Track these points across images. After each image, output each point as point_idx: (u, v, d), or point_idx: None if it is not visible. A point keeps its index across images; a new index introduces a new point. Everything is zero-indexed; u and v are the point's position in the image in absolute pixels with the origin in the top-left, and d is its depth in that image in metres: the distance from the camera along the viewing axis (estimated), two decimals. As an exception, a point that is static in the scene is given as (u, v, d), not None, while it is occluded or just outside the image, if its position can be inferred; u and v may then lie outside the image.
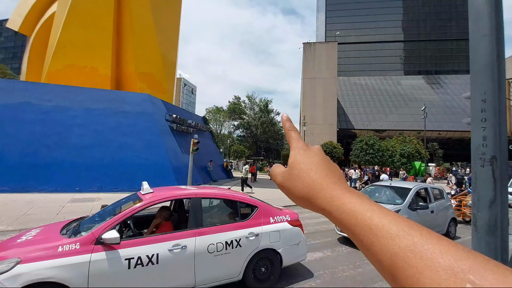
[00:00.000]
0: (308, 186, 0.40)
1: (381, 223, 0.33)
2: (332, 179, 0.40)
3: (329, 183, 0.40)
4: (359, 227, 0.34)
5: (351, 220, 0.35)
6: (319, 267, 5.19)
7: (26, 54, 18.14)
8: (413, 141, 34.29)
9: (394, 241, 0.30)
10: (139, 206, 3.49)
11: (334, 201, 0.37)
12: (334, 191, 0.38)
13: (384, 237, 0.31)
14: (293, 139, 0.47)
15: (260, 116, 45.63)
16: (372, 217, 0.34)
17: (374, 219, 0.33)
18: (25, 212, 8.19)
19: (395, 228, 0.32)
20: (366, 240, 0.33)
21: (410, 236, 0.30)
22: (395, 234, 0.31)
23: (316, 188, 0.40)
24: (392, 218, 0.33)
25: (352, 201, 0.36)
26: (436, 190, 7.96)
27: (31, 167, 11.99)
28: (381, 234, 0.32)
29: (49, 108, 13.32)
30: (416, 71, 73.27)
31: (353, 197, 0.37)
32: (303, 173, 0.41)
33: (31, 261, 2.72)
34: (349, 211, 0.35)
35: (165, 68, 19.15)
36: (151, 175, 12.58)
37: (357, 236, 0.34)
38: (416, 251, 0.28)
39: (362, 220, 0.34)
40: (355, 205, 0.36)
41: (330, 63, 46.08)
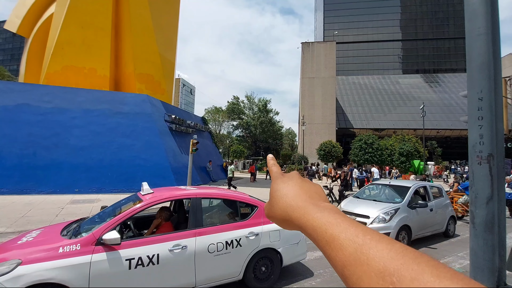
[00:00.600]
0: (283, 210, 0.44)
1: (333, 234, 0.35)
2: (303, 197, 0.44)
3: (300, 202, 0.43)
4: (319, 241, 0.36)
5: (313, 235, 0.38)
6: (319, 266, 5.21)
7: (24, 56, 18.09)
8: (412, 139, 34.36)
9: (341, 251, 0.32)
10: (139, 206, 3.49)
11: (303, 219, 0.40)
12: (304, 209, 0.41)
13: (335, 248, 0.33)
14: (273, 172, 0.53)
15: (259, 116, 45.62)
16: (327, 230, 0.36)
17: (328, 231, 0.36)
18: (24, 214, 8.18)
19: (343, 236, 0.34)
20: (325, 252, 0.35)
21: (354, 244, 0.32)
22: (342, 243, 0.33)
23: (289, 210, 0.43)
24: (344, 227, 0.35)
25: (315, 216, 0.39)
26: (435, 189, 8.00)
27: (30, 168, 11.97)
28: (333, 246, 0.34)
29: (47, 110, 13.30)
30: (414, 70, 73.54)
31: (318, 212, 0.39)
32: (278, 199, 0.46)
33: (32, 263, 2.72)
34: (312, 226, 0.38)
35: (163, 68, 19.13)
36: (151, 176, 12.58)
37: (321, 249, 0.36)
38: (357, 258, 0.30)
39: (320, 234, 0.36)
40: (316, 220, 0.38)
41: (328, 63, 46.16)
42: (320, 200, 0.44)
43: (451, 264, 5.56)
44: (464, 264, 5.52)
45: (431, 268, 0.27)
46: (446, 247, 6.70)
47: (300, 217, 0.41)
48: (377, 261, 0.29)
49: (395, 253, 0.29)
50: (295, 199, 0.44)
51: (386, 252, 0.29)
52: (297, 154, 38.49)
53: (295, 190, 0.46)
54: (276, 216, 0.46)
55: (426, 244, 6.80)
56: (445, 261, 5.75)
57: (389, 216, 6.19)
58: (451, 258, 5.93)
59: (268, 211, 0.48)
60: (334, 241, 0.34)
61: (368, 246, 0.31)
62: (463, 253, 6.20)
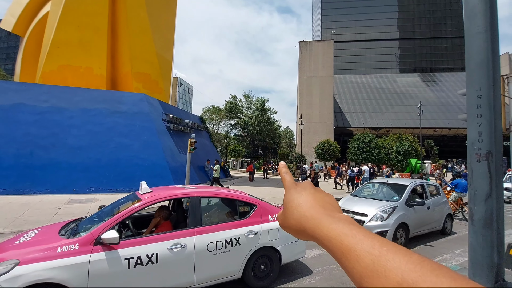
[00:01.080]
0: (297, 220, 0.45)
1: (349, 245, 0.35)
2: (317, 208, 0.44)
3: (314, 213, 0.44)
4: (335, 252, 0.37)
5: (329, 246, 0.38)
6: (317, 264, 5.23)
7: (19, 55, 17.91)
8: (409, 138, 34.54)
9: (358, 262, 0.33)
10: (138, 205, 3.48)
11: (318, 230, 0.41)
12: (319, 220, 0.42)
13: (352, 259, 0.34)
14: (286, 181, 0.52)
15: (257, 115, 45.64)
16: (342, 241, 0.36)
17: (344, 242, 0.36)
18: (21, 214, 8.12)
19: (359, 248, 0.34)
20: (341, 264, 0.35)
21: (371, 255, 0.32)
22: (359, 254, 0.33)
23: (303, 221, 0.44)
24: (360, 238, 0.35)
25: (330, 227, 0.39)
26: (432, 187, 8.05)
27: (27, 168, 11.88)
28: (349, 257, 0.34)
29: (44, 109, 13.20)
30: (412, 68, 73.88)
31: (333, 223, 0.40)
32: (293, 210, 0.46)
33: (30, 263, 2.71)
34: (327, 237, 0.38)
35: (161, 67, 19.05)
36: (149, 175, 12.54)
37: (337, 260, 0.37)
38: (374, 270, 0.31)
39: (336, 245, 0.37)
40: (331, 231, 0.39)
41: (326, 62, 46.23)
42: (334, 211, 0.45)
43: (448, 261, 5.61)
44: (461, 261, 5.56)
45: (450, 280, 0.26)
46: (443, 245, 6.75)
47: (314, 228, 0.41)
48: (395, 272, 0.29)
49: (412, 265, 0.29)
50: (310, 210, 0.45)
51: (404, 264, 0.30)
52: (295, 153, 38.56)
53: (309, 201, 0.46)
54: (291, 227, 0.47)
55: (423, 241, 6.85)
56: (443, 258, 5.80)
57: (387, 214, 6.22)
58: (448, 255, 5.98)
59: (283, 221, 0.49)
60: (350, 253, 0.34)
61: (386, 258, 0.31)
62: (460, 250, 6.25)
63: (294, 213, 0.46)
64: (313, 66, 46.44)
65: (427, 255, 5.92)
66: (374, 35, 78.61)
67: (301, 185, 0.51)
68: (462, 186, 9.75)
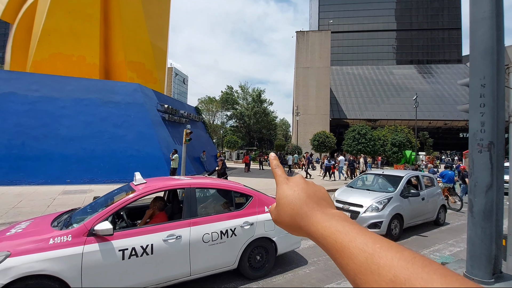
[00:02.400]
0: (291, 217, 0.45)
1: (343, 243, 0.36)
2: (311, 205, 0.44)
3: (308, 210, 0.44)
4: (329, 249, 0.37)
5: (323, 243, 0.39)
6: (313, 254, 5.27)
7: (9, 43, 17.33)
8: (404, 130, 34.77)
9: (352, 260, 0.33)
10: (132, 197, 3.43)
11: (313, 228, 0.41)
12: (313, 218, 0.42)
13: (345, 257, 0.34)
14: (277, 176, 0.52)
15: (253, 106, 45.31)
16: (336, 239, 0.37)
17: (338, 240, 0.36)
18: (15, 205, 8.02)
19: (353, 245, 0.35)
20: (335, 260, 0.36)
21: (364, 253, 0.33)
22: (353, 252, 0.34)
23: (297, 219, 0.44)
24: (353, 236, 0.36)
25: (324, 225, 0.40)
26: (427, 178, 8.12)
27: (19, 159, 11.69)
28: (343, 255, 0.35)
29: (35, 99, 12.89)
30: (408, 60, 73.70)
31: (326, 221, 0.40)
32: (285, 206, 0.46)
33: (21, 254, 2.65)
34: (321, 235, 0.39)
35: (155, 57, 18.66)
36: (144, 166, 12.45)
37: (332, 257, 0.37)
38: (367, 267, 0.32)
39: (330, 243, 0.37)
40: (326, 229, 0.39)
41: (323, 52, 45.83)
42: (327, 207, 0.45)
43: (441, 251, 5.70)
44: (454, 251, 5.66)
45: (440, 277, 0.27)
46: (436, 235, 6.85)
47: (309, 226, 0.42)
48: (387, 270, 0.30)
49: (404, 262, 0.30)
50: (303, 208, 0.44)
51: (396, 261, 0.30)
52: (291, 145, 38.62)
53: (303, 198, 0.46)
54: (284, 223, 0.47)
55: (417, 232, 6.94)
56: (436, 248, 5.89)
57: (382, 205, 6.27)
58: (442, 245, 6.08)
59: (276, 217, 0.49)
60: (344, 250, 0.35)
61: (379, 255, 0.32)
62: (453, 241, 6.36)
63: (287, 210, 0.46)
64: (310, 56, 46.04)
65: (420, 245, 6.02)
66: (372, 25, 77.90)
67: (293, 180, 0.51)
68: (448, 177, 10.09)
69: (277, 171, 0.53)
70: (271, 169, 0.55)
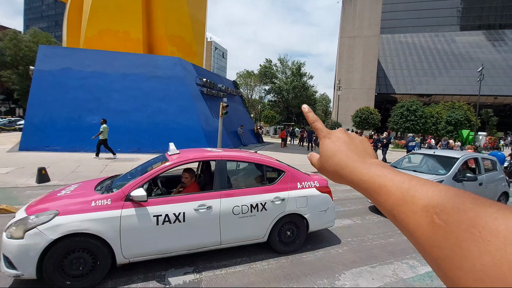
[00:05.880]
0: (333, 168, 0.50)
1: (380, 184, 0.39)
2: (352, 157, 0.48)
3: (348, 161, 0.48)
4: (369, 191, 0.41)
5: (363, 187, 0.43)
6: (347, 234, 5.06)
7: (64, 21, 18.75)
8: (463, 107, 30.73)
9: (390, 196, 0.37)
10: (165, 166, 3.52)
11: (352, 175, 0.45)
12: (353, 167, 0.46)
13: (383, 194, 0.38)
14: (319, 130, 0.55)
15: (292, 80, 43.78)
16: (374, 181, 0.41)
17: (376, 182, 0.40)
18: (74, 170, 9.05)
19: (390, 184, 0.38)
20: (374, 199, 0.40)
21: (401, 189, 0.36)
22: (390, 190, 0.38)
23: (338, 169, 0.48)
24: (391, 177, 0.39)
25: (363, 172, 0.43)
26: (488, 161, 7.10)
27: (77, 130, 13.00)
28: (381, 193, 0.39)
29: (88, 74, 13.95)
30: (476, 25, 63.11)
31: (365, 168, 0.44)
32: (328, 158, 0.51)
33: (67, 214, 2.92)
34: (360, 181, 0.43)
35: (194, 30, 18.66)
36: (184, 139, 12.99)
37: (370, 198, 0.42)
38: (403, 200, 0.35)
39: (369, 185, 0.41)
40: (365, 175, 0.43)
41: (373, 19, 41.45)
42: (367, 157, 0.49)
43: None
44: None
45: (471, 199, 0.29)
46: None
47: (349, 174, 0.46)
48: (422, 198, 0.33)
49: (438, 191, 0.32)
50: (344, 159, 0.48)
51: (431, 192, 0.33)
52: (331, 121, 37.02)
53: (344, 151, 0.50)
54: (328, 172, 0.51)
55: (470, 219, 6.23)
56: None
57: (430, 188, 5.67)
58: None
59: (320, 167, 0.53)
60: (381, 189, 0.39)
61: (414, 189, 0.35)
62: None
63: (330, 162, 0.50)
64: (357, 24, 42.08)
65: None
66: (433, -15, 67.50)
67: (334, 134, 0.54)
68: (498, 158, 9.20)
69: (318, 124, 0.56)
70: (310, 123, 0.57)
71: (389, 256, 4.31)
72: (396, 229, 5.43)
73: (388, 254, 4.37)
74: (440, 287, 3.52)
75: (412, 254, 4.40)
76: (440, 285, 3.56)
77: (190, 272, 3.53)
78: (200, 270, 3.59)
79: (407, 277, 3.72)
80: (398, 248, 4.62)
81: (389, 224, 5.67)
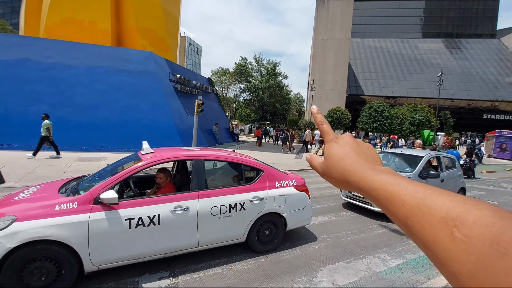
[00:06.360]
0: (341, 173, 0.47)
1: (393, 192, 0.37)
2: (360, 163, 0.47)
3: (357, 167, 0.46)
4: (379, 199, 0.39)
5: (373, 194, 0.41)
6: (323, 231, 5.18)
7: (22, 8, 17.11)
8: (425, 109, 33.13)
9: (404, 205, 0.35)
10: (138, 166, 3.32)
11: (362, 182, 0.43)
12: (362, 173, 0.44)
13: (397, 203, 0.36)
14: (326, 133, 0.53)
15: (267, 79, 44.07)
16: (387, 189, 0.39)
17: (388, 190, 0.38)
18: (33, 170, 8.29)
19: (404, 193, 0.36)
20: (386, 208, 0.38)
21: (415, 198, 0.34)
22: (404, 199, 0.36)
23: (346, 174, 0.46)
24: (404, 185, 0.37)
25: (374, 179, 0.41)
26: (448, 159, 7.68)
27: (37, 125, 11.89)
28: (394, 202, 0.37)
29: (49, 65, 12.87)
30: (436, 33, 68.28)
31: (376, 175, 0.42)
32: (335, 163, 0.49)
33: (27, 219, 2.63)
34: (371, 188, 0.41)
35: (167, 24, 18.01)
36: (157, 137, 12.51)
37: (381, 206, 0.39)
38: (419, 210, 0.33)
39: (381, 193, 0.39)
40: (375, 182, 0.41)
41: (344, 23, 43.00)
42: (376, 164, 0.47)
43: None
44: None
45: (492, 212, 0.28)
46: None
47: (359, 180, 0.44)
48: (439, 210, 0.31)
49: (456, 202, 0.31)
50: (353, 165, 0.46)
51: (448, 202, 0.31)
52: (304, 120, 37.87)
53: (352, 156, 0.48)
54: (333, 179, 0.49)
55: (432, 214, 6.70)
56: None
57: (398, 185, 6.00)
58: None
59: (324, 172, 0.51)
60: (395, 198, 0.37)
61: (431, 199, 0.33)
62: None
63: (337, 167, 0.48)
64: (329, 26, 43.42)
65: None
66: (399, -7, 71.75)
67: (342, 139, 0.52)
68: None
69: (325, 127, 0.53)
70: (317, 125, 0.54)
71: (363, 251, 4.47)
72: (368, 224, 5.68)
73: (361, 249, 4.54)
74: (408, 279, 3.72)
75: (383, 248, 4.61)
76: (409, 277, 3.77)
77: (165, 276, 3.38)
78: (177, 274, 3.45)
79: (379, 271, 3.89)
80: (370, 243, 4.82)
81: (362, 220, 5.91)
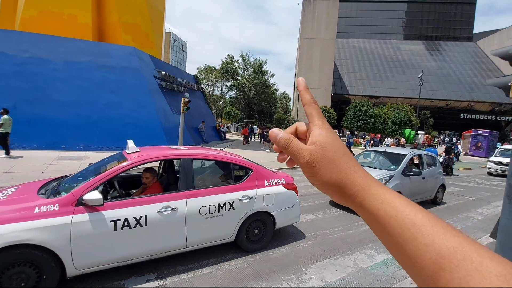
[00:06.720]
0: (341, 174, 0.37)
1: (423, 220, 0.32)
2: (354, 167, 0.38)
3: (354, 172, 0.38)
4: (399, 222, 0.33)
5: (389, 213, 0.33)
6: (311, 228, 5.23)
7: (-6, -3, 16.15)
8: (406, 108, 34.26)
9: (441, 241, 0.30)
10: (124, 165, 3.21)
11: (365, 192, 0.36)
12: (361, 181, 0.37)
13: (429, 234, 0.31)
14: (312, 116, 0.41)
15: (254, 77, 44.04)
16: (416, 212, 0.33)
17: (418, 215, 0.33)
18: (8, 170, 7.86)
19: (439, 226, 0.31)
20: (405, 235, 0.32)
21: (456, 238, 0.30)
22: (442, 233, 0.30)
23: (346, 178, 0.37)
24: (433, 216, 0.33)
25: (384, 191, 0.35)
26: (429, 157, 7.97)
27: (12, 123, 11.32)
28: (426, 232, 0.31)
29: (25, 60, 12.22)
30: (417, 35, 70.65)
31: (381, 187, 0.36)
32: (338, 159, 0.38)
33: (3, 223, 2.47)
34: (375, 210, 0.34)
35: (152, 19, 17.57)
36: (141, 135, 12.19)
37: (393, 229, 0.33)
38: (464, 254, 0.28)
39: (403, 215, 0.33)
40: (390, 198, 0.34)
41: (330, 23, 43.59)
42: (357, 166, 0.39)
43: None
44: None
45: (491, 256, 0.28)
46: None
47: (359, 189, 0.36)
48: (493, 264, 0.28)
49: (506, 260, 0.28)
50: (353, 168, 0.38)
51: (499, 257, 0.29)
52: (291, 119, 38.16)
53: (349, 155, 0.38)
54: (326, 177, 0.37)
55: (415, 210, 6.93)
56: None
57: (383, 182, 6.14)
58: (439, 224, 6.07)
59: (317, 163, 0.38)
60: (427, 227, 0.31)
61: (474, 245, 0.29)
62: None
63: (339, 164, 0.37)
64: (315, 27, 43.88)
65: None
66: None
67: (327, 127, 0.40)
68: None
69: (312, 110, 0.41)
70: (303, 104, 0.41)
71: (349, 247, 4.56)
72: (354, 221, 5.79)
73: (348, 246, 4.62)
74: (394, 274, 3.83)
75: (369, 244, 4.71)
76: (394, 272, 3.87)
77: (152, 279, 3.29)
78: (164, 276, 3.37)
79: (366, 266, 3.98)
80: (356, 239, 4.92)
81: (348, 217, 6.02)
